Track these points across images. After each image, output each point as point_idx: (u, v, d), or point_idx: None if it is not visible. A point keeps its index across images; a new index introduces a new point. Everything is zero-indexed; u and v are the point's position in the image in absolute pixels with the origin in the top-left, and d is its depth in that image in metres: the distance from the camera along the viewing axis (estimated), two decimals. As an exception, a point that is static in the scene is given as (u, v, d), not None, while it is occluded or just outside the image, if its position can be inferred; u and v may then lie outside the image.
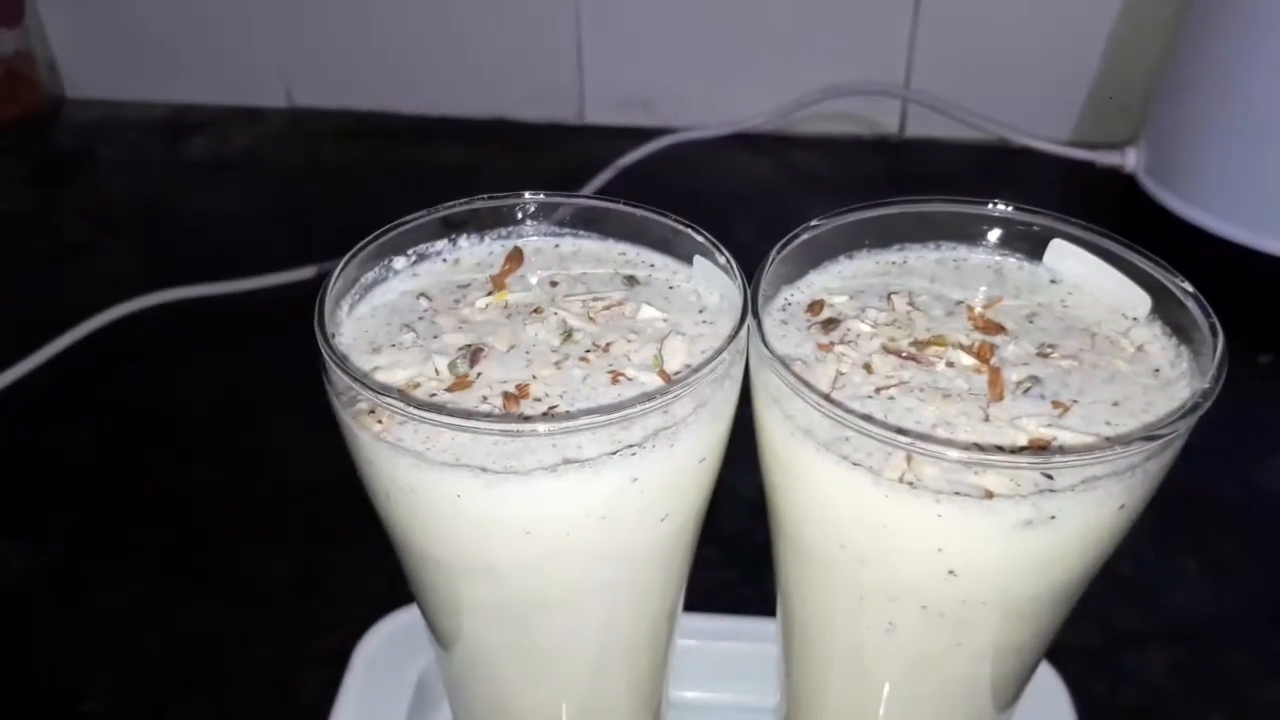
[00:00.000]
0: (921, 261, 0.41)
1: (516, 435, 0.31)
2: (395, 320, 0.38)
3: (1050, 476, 0.31)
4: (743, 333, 0.35)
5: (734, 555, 0.58)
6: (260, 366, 0.78)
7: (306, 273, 0.87)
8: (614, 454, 0.32)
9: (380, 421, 0.33)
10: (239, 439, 0.73)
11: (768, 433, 0.36)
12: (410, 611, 0.54)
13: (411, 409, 0.31)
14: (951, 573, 0.33)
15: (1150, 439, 0.31)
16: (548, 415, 0.32)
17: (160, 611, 0.61)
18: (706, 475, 0.36)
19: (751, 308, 0.35)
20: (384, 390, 0.32)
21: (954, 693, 0.40)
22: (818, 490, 0.34)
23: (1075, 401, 0.35)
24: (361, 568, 0.60)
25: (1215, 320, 0.35)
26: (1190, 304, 0.36)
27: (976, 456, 0.30)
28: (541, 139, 1.09)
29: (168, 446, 0.73)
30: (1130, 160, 0.97)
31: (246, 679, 0.58)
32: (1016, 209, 0.41)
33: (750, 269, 0.38)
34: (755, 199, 1.02)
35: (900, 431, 0.31)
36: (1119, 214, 0.96)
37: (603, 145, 1.03)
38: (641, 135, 1.03)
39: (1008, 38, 1.01)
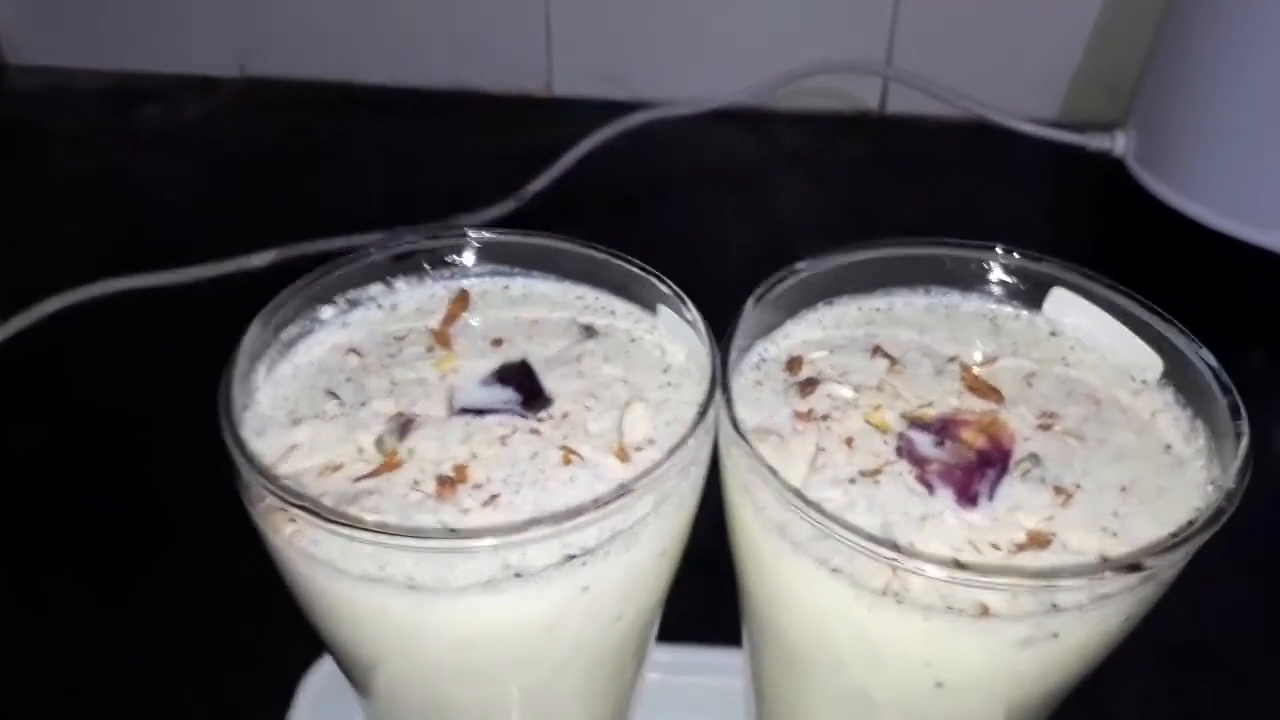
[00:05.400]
0: (909, 309, 0.38)
1: (448, 550, 0.27)
2: (320, 383, 0.34)
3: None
4: (711, 410, 0.31)
5: (695, 573, 0.55)
6: (216, 362, 0.74)
7: (264, 259, 0.83)
8: (563, 564, 0.28)
9: (293, 521, 0.29)
10: (189, 443, 0.69)
11: (738, 520, 0.32)
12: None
13: (324, 521, 0.27)
14: (940, 685, 0.30)
15: (1165, 552, 0.27)
16: (485, 528, 0.28)
17: (98, 630, 0.57)
18: (668, 567, 0.33)
19: (721, 380, 0.31)
20: (295, 497, 0.28)
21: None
22: (794, 590, 0.31)
23: (1079, 486, 0.31)
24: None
25: (1237, 398, 0.31)
26: (1208, 376, 0.32)
27: (973, 579, 0.27)
28: (508, 112, 1.04)
29: (113, 449, 0.68)
30: (1119, 144, 0.93)
31: (188, 707, 0.54)
32: (1015, 254, 0.37)
33: (728, 262, 0.34)
34: (733, 178, 0.97)
35: (884, 543, 0.28)
36: (1107, 202, 0.92)
37: (573, 120, 0.98)
38: (614, 110, 0.98)
39: (993, 13, 0.96)
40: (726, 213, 0.95)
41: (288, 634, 0.56)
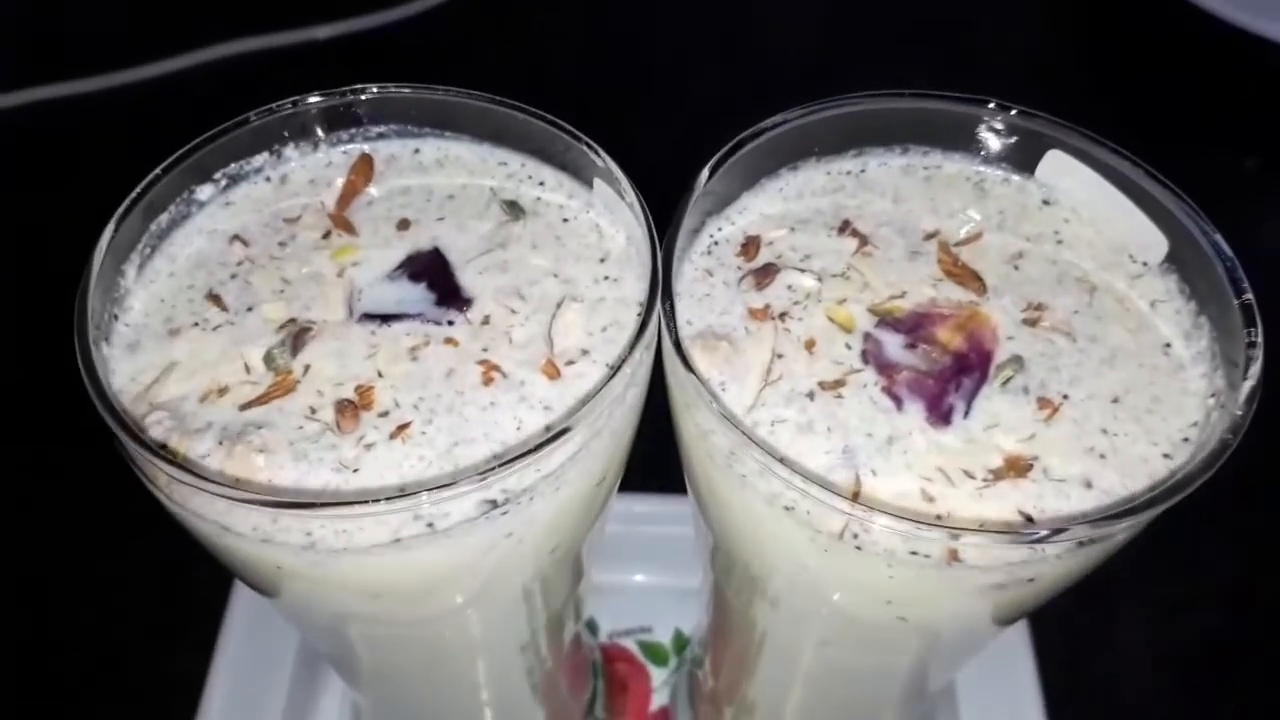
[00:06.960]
0: (884, 171, 0.33)
1: (344, 517, 0.23)
2: (200, 281, 0.29)
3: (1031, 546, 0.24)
4: (651, 323, 0.27)
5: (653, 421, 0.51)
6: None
7: (209, 54, 0.76)
8: (482, 514, 0.24)
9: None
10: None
11: (684, 437, 0.29)
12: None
13: (198, 485, 0.23)
14: (902, 619, 0.27)
15: (1158, 500, 0.24)
16: (381, 490, 0.24)
17: (34, 496, 0.55)
18: (606, 490, 0.29)
19: (663, 288, 0.27)
20: (164, 458, 0.23)
21: (895, 680, 0.35)
22: (746, 521, 0.28)
23: (1066, 398, 0.28)
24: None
25: (1251, 298, 0.27)
26: (1219, 264, 0.28)
27: (937, 536, 0.24)
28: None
29: (35, 290, 0.63)
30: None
31: (135, 568, 0.53)
32: (1011, 110, 0.32)
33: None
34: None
35: (837, 491, 0.24)
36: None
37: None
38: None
39: None
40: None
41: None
